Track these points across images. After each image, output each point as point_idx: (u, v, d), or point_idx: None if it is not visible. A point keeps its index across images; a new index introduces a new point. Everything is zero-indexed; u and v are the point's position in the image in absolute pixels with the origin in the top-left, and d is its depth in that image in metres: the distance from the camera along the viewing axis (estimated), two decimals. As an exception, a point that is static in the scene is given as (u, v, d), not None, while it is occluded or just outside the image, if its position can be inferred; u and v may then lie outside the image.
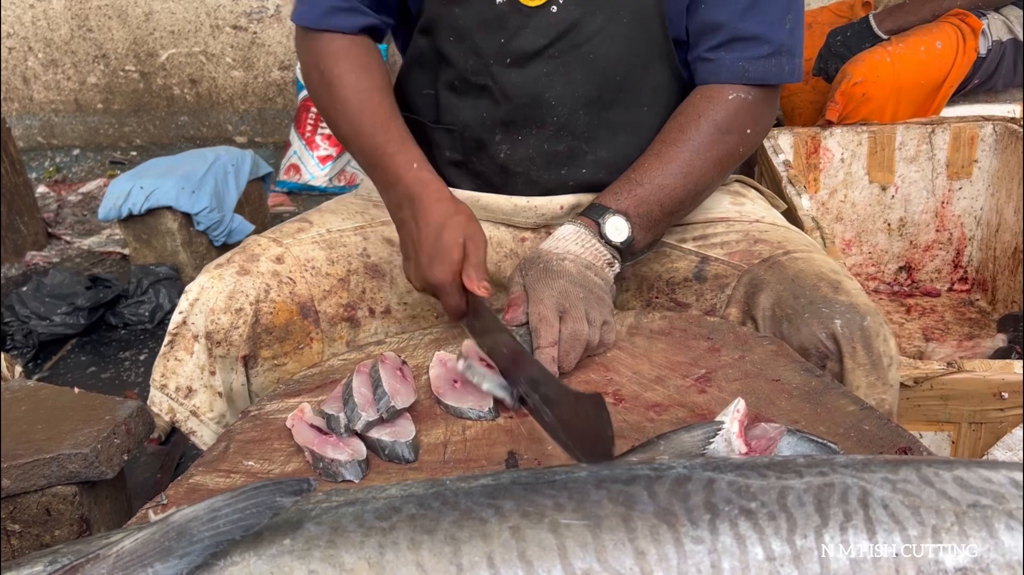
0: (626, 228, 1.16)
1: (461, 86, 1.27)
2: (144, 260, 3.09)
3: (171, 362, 1.21)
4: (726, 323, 1.17)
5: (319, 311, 1.24)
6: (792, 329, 1.10)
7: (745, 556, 0.61)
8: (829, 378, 1.03)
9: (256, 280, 1.20)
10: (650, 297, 1.29)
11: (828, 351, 1.08)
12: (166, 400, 1.21)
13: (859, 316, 1.07)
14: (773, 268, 1.17)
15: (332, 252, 1.28)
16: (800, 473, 0.67)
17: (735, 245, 1.25)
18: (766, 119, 1.26)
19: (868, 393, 1.07)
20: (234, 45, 4.54)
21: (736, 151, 1.23)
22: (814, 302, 1.09)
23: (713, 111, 1.20)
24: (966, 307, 2.34)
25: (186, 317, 1.19)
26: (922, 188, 2.31)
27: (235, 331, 1.18)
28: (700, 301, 1.24)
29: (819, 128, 2.28)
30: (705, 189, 1.24)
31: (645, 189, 1.18)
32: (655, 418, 0.97)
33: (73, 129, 4.81)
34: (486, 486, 0.68)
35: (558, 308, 1.06)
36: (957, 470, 0.67)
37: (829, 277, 1.13)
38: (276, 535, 0.64)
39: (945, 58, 2.29)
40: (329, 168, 3.96)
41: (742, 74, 1.20)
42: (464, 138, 1.29)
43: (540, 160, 1.28)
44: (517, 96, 1.23)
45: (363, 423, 0.94)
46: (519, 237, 1.35)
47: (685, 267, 1.26)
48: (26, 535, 1.44)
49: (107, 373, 2.69)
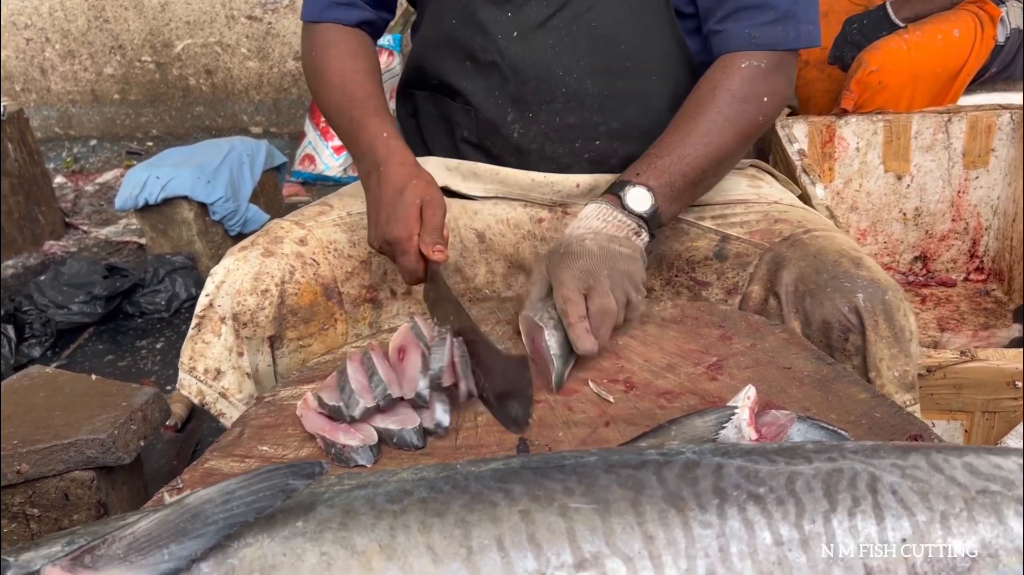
0: (648, 198, 1.16)
1: (471, 65, 1.29)
2: (160, 249, 3.11)
3: (199, 344, 1.21)
4: (738, 311, 1.17)
5: (342, 292, 1.26)
6: (815, 304, 1.11)
7: (753, 540, 0.61)
8: (840, 366, 1.03)
9: (281, 261, 1.21)
10: (670, 276, 1.29)
11: (851, 325, 1.09)
12: (195, 383, 1.22)
13: (881, 290, 1.08)
14: (795, 246, 1.18)
15: (353, 234, 1.29)
16: (809, 459, 0.67)
17: (755, 224, 1.25)
18: (783, 87, 1.26)
19: (891, 365, 1.08)
20: (249, 35, 4.56)
21: (756, 120, 1.23)
22: (836, 277, 1.10)
23: (728, 81, 1.21)
24: (982, 297, 2.32)
25: (212, 299, 1.20)
26: (938, 177, 2.29)
27: (261, 312, 1.19)
28: (721, 280, 1.24)
29: (834, 117, 2.27)
30: (727, 159, 1.25)
31: (665, 160, 1.18)
32: (666, 405, 0.97)
33: (90, 120, 4.84)
34: (496, 470, 0.69)
35: (582, 288, 1.06)
36: (967, 456, 0.67)
37: (850, 254, 1.13)
38: (289, 517, 0.65)
39: (963, 46, 2.27)
40: (344, 158, 3.97)
41: (750, 41, 1.21)
42: (479, 119, 1.32)
43: (553, 135, 1.29)
44: (525, 70, 1.26)
45: (361, 410, 0.94)
46: (536, 217, 1.35)
47: (705, 246, 1.26)
48: (45, 519, 1.46)
49: (124, 361, 2.71)
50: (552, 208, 1.35)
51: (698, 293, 1.26)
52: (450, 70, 1.32)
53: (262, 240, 1.24)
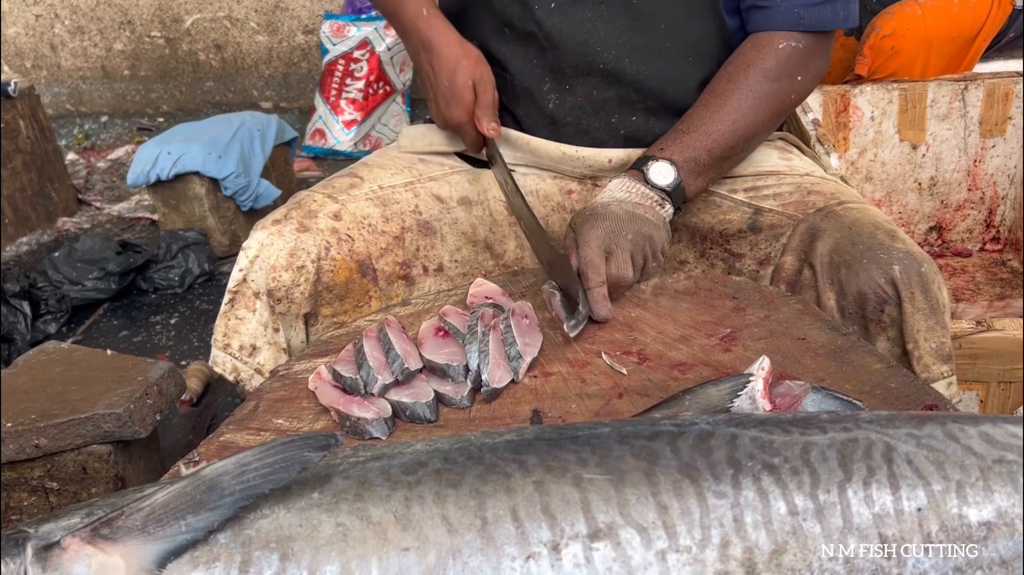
0: (671, 172, 1.17)
1: (509, 33, 1.28)
2: (173, 225, 3.12)
3: (232, 321, 1.18)
4: (751, 282, 1.17)
5: (377, 269, 1.25)
6: (851, 275, 1.11)
7: (768, 511, 0.61)
8: (855, 336, 1.02)
9: (316, 237, 1.19)
10: (704, 248, 1.29)
11: (887, 296, 1.08)
12: (229, 360, 1.19)
13: (916, 263, 1.08)
14: (829, 217, 1.17)
15: (386, 210, 1.28)
16: (824, 429, 0.67)
17: (788, 196, 1.24)
18: (818, 66, 1.25)
19: (928, 336, 1.08)
20: (258, 9, 4.53)
21: (787, 98, 1.23)
22: (872, 248, 1.10)
23: (763, 60, 1.20)
24: (998, 267, 2.30)
25: (246, 274, 1.18)
26: (954, 146, 2.27)
27: (296, 289, 1.17)
28: (754, 251, 1.25)
29: (848, 86, 2.24)
30: (756, 135, 1.24)
31: (691, 136, 1.19)
32: (679, 377, 0.97)
33: (101, 96, 4.84)
34: (510, 441, 0.69)
35: (604, 248, 1.10)
36: (983, 426, 0.67)
37: (885, 226, 1.13)
38: (305, 489, 0.65)
39: (979, 10, 2.23)
40: (354, 133, 3.96)
41: (798, 21, 1.20)
42: (514, 86, 1.31)
43: (590, 108, 1.28)
44: (563, 42, 1.24)
45: (379, 386, 0.95)
46: (566, 189, 1.35)
47: (739, 219, 1.26)
48: (64, 493, 1.48)
49: (139, 337, 2.73)
50: (582, 181, 1.34)
51: (732, 264, 1.26)
52: (487, 35, 1.31)
53: (296, 214, 1.21)
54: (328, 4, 4.45)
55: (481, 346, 0.99)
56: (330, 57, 4.03)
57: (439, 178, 1.33)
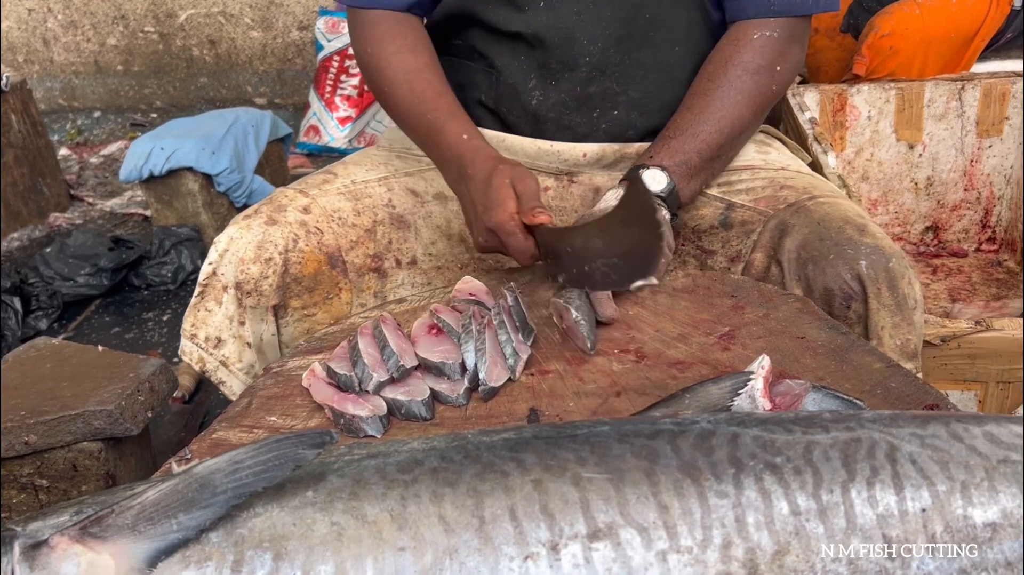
0: (664, 177, 1.16)
1: (495, 35, 1.27)
2: (166, 221, 3.10)
3: (201, 312, 1.21)
4: (750, 280, 1.16)
5: (347, 261, 1.25)
6: (817, 271, 1.10)
7: (770, 510, 0.60)
8: (855, 335, 1.01)
9: (284, 230, 1.20)
10: (677, 245, 1.28)
11: (853, 292, 1.07)
12: (196, 350, 1.22)
13: (884, 258, 1.07)
14: (799, 212, 1.16)
15: (358, 203, 1.28)
16: (826, 428, 0.66)
17: (760, 191, 1.24)
18: (795, 55, 1.25)
19: (893, 334, 1.07)
20: (253, 5, 4.51)
21: (769, 90, 1.22)
22: (840, 244, 1.09)
23: (739, 54, 1.20)
24: (993, 268, 2.30)
25: (216, 267, 1.20)
26: (951, 146, 2.26)
27: (264, 281, 1.19)
28: (726, 247, 1.24)
29: (846, 85, 2.24)
30: (743, 131, 1.24)
31: (679, 140, 1.18)
32: (678, 375, 0.96)
33: (93, 91, 4.81)
34: (508, 440, 0.68)
35: None
36: (987, 425, 0.66)
37: (855, 221, 1.12)
38: (299, 487, 0.64)
39: (977, 11, 2.22)
40: (348, 130, 3.94)
41: (768, 6, 1.20)
42: (499, 83, 1.29)
43: (572, 104, 1.27)
44: (550, 37, 1.23)
45: (375, 384, 0.94)
46: (542, 186, 1.33)
47: (711, 214, 1.25)
48: (54, 490, 1.46)
49: (131, 333, 2.71)
50: (558, 177, 1.34)
51: (704, 261, 1.26)
52: (476, 34, 1.29)
53: (266, 208, 1.23)
54: (323, 0, 4.43)
55: (478, 344, 0.98)
56: (325, 53, 4.01)
57: (415, 173, 1.34)
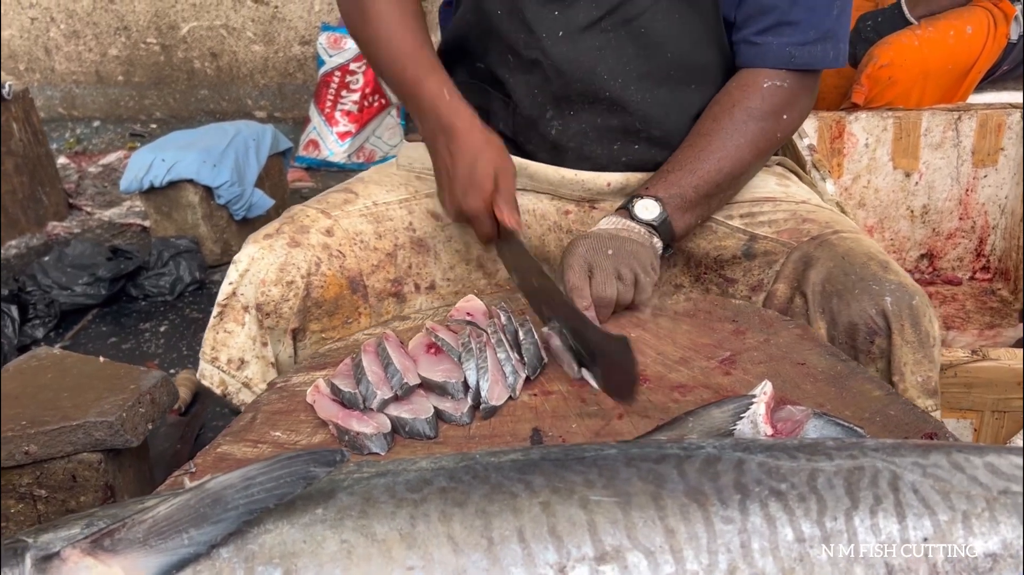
0: (656, 207, 1.17)
1: (513, 60, 1.26)
2: (164, 232, 3.11)
3: (221, 334, 1.19)
4: (750, 305, 1.17)
5: (367, 286, 1.25)
6: (842, 304, 1.11)
7: (775, 537, 0.61)
8: (854, 363, 1.03)
9: (307, 253, 1.19)
10: (699, 273, 1.30)
11: (877, 327, 1.09)
12: (217, 373, 1.19)
13: (908, 295, 1.09)
14: (823, 246, 1.17)
15: (379, 226, 1.28)
16: (830, 456, 0.67)
17: (783, 223, 1.25)
18: (803, 104, 1.26)
19: (915, 370, 1.08)
20: (255, 19, 4.54)
21: (773, 136, 1.23)
22: (864, 279, 1.10)
23: (748, 99, 1.21)
24: (987, 296, 2.32)
25: (236, 288, 1.18)
26: (946, 175, 2.29)
27: (285, 304, 1.18)
28: (747, 277, 1.25)
29: (844, 112, 2.26)
30: (743, 173, 1.25)
31: (676, 175, 1.20)
32: (679, 399, 0.97)
33: (94, 101, 4.82)
34: (516, 461, 0.68)
35: (586, 268, 1.10)
36: (988, 456, 0.67)
37: (878, 257, 1.14)
38: (309, 504, 0.64)
39: (974, 43, 2.26)
40: (348, 144, 3.96)
41: (788, 59, 1.21)
42: (516, 114, 1.29)
43: (593, 134, 1.28)
44: (569, 70, 1.23)
45: (379, 401, 0.94)
46: (563, 210, 1.34)
47: (733, 245, 1.26)
48: (52, 500, 1.46)
49: (128, 344, 2.71)
50: (580, 203, 1.34)
51: (725, 290, 1.27)
52: (493, 60, 1.29)
53: (288, 229, 1.21)
54: (325, 15, 4.46)
55: (479, 362, 0.99)
56: (326, 68, 4.03)
57: (435, 195, 1.33)
